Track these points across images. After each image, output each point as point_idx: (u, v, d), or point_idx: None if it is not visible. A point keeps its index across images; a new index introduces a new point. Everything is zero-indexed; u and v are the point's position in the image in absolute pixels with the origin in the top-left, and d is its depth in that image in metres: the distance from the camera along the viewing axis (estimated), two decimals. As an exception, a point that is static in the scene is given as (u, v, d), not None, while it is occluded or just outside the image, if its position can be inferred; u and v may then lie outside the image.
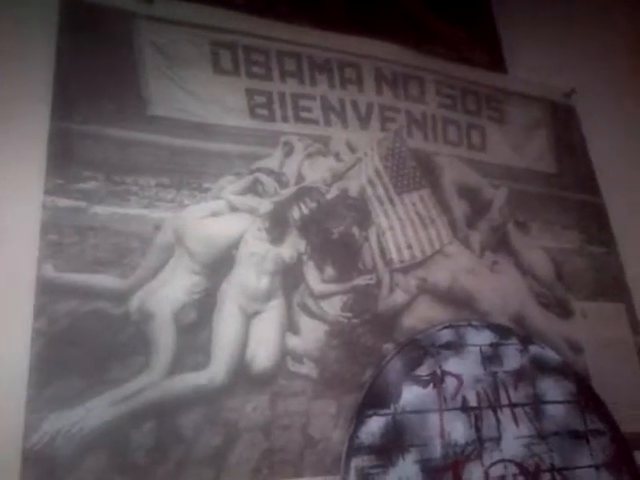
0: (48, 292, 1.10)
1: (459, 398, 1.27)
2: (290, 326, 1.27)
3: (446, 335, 1.34)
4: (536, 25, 1.96)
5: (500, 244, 1.59)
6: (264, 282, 1.28)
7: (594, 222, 1.76)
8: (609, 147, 1.84)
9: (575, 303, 1.60)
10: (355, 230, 1.42)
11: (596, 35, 2.03)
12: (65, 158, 1.21)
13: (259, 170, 1.38)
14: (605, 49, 2.02)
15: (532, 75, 1.86)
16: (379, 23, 1.67)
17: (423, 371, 1.28)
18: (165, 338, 1.15)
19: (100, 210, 1.21)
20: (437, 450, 1.20)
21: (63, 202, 1.17)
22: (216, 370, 1.16)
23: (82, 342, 1.09)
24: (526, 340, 1.40)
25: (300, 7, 1.59)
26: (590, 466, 1.29)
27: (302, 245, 1.35)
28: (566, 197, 1.76)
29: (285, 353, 1.24)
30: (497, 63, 1.86)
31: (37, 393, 1.02)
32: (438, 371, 1.29)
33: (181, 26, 1.42)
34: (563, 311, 1.58)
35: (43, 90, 1.23)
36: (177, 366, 1.14)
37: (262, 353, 1.21)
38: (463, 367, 1.31)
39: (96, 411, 1.05)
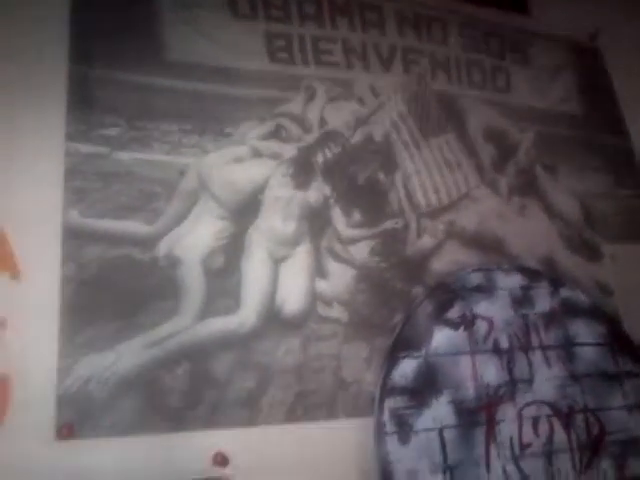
0: (75, 238, 1.09)
1: (490, 341, 1.26)
2: (318, 271, 1.26)
3: (476, 278, 1.32)
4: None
5: (528, 188, 1.56)
6: (291, 227, 1.26)
7: (622, 165, 1.72)
8: (637, 88, 1.78)
9: (604, 246, 1.58)
10: (381, 175, 1.39)
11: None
12: (86, 104, 1.19)
13: (282, 115, 1.36)
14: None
15: (556, 16, 1.81)
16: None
17: (454, 314, 1.26)
18: (194, 283, 1.14)
19: (123, 156, 1.19)
20: (470, 392, 1.19)
21: (86, 148, 1.16)
22: (246, 314, 1.15)
23: (111, 287, 1.09)
24: (556, 282, 1.38)
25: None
26: (622, 407, 1.28)
27: (327, 190, 1.33)
28: (594, 140, 1.71)
29: (315, 297, 1.23)
30: (520, 5, 1.81)
31: (69, 338, 1.02)
32: (469, 314, 1.27)
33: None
34: (592, 254, 1.56)
35: (60, 35, 1.21)
36: (207, 310, 1.13)
37: (292, 297, 1.20)
38: (493, 310, 1.29)
39: (128, 355, 1.04)
